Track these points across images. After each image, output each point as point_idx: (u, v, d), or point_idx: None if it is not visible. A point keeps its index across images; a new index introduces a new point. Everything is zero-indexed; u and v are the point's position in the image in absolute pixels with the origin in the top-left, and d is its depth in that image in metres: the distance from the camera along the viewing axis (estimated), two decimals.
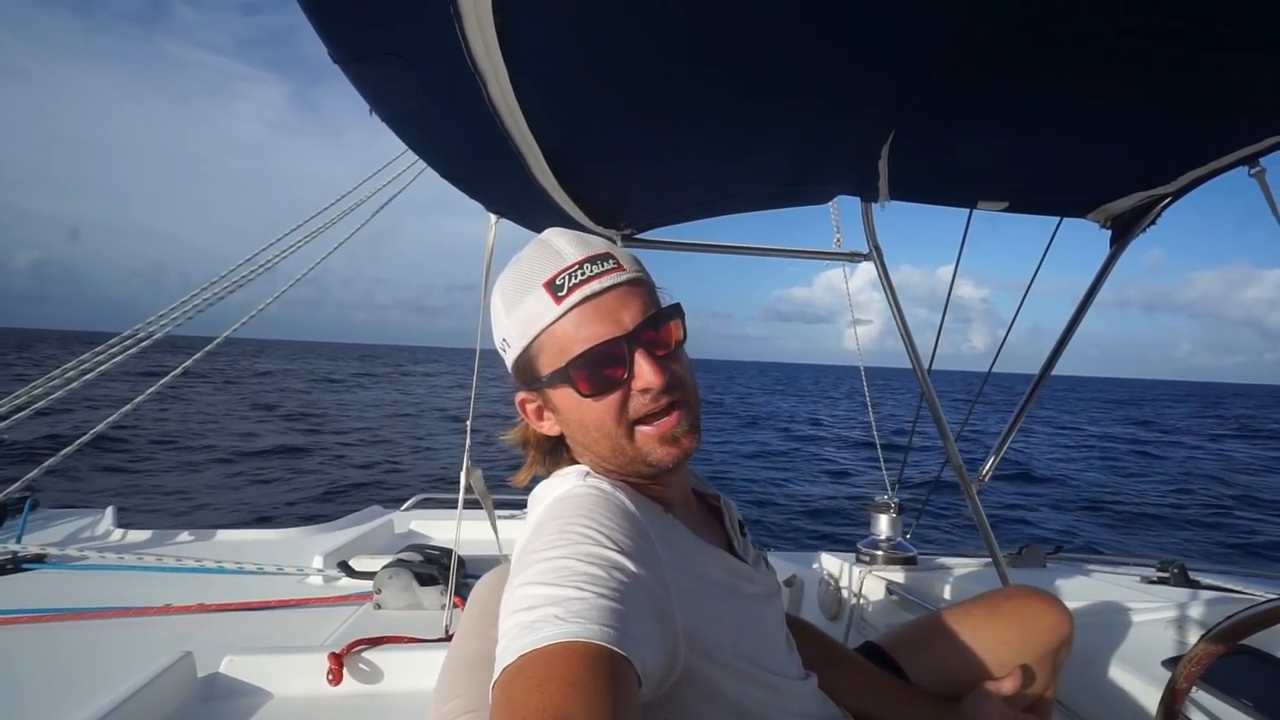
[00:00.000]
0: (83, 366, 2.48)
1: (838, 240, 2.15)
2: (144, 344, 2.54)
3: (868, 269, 1.87)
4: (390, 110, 0.92)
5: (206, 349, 2.73)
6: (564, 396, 0.74)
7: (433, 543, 2.30)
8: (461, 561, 1.79)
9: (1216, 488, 12.79)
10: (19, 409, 2.37)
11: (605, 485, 0.72)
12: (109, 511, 2.57)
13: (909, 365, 1.85)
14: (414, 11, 0.68)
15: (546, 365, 0.73)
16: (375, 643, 1.37)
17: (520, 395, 0.79)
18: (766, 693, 0.74)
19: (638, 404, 0.72)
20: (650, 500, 0.76)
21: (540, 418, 0.79)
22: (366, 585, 1.98)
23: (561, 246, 0.73)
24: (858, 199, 1.69)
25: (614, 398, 0.72)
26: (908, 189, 1.57)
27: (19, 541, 2.22)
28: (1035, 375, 1.80)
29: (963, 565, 2.18)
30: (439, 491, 3.14)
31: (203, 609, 1.83)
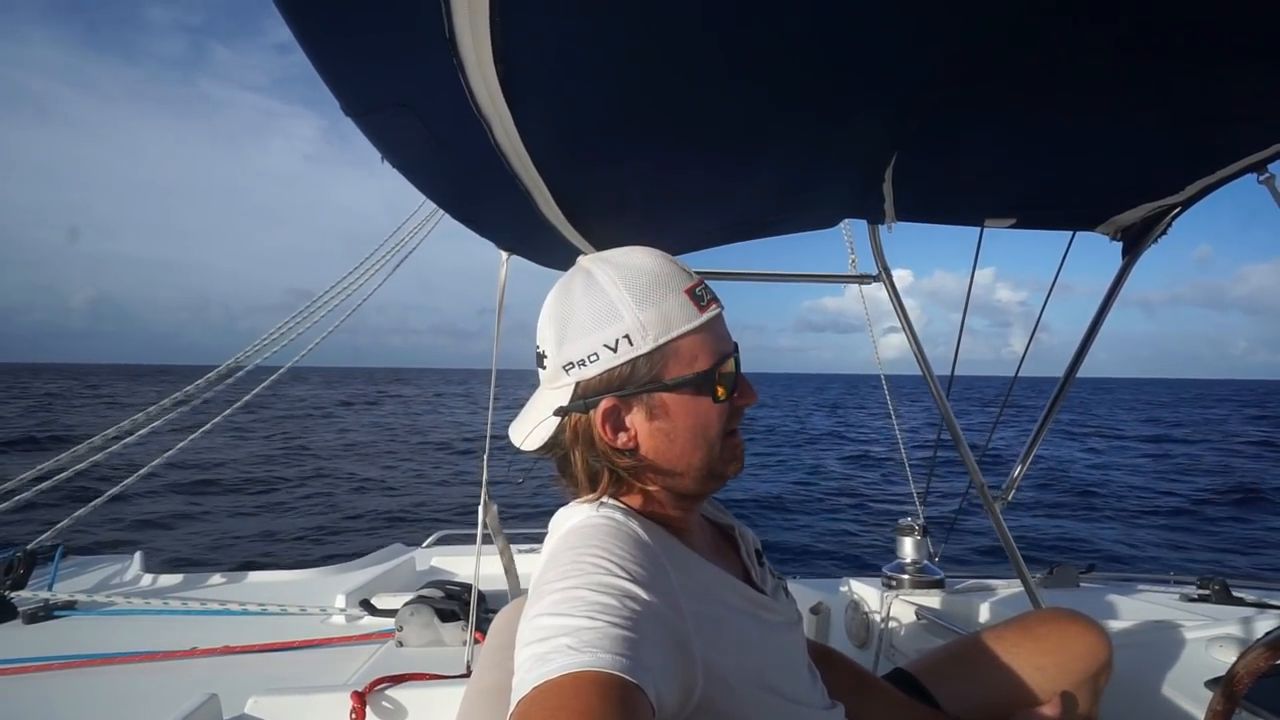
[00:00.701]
0: (160, 405, 2.57)
1: (853, 261, 2.15)
2: (228, 378, 2.66)
3: (901, 276, 1.87)
4: (401, 159, 0.95)
5: (269, 380, 2.83)
6: (684, 402, 0.75)
7: (454, 579, 2.29)
8: (482, 596, 1.78)
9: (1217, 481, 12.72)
10: (111, 441, 2.45)
11: (618, 515, 0.72)
12: (137, 557, 2.61)
13: (946, 372, 1.85)
14: (419, 63, 0.71)
15: (679, 368, 0.75)
16: (398, 680, 1.37)
17: (608, 403, 0.74)
18: None
19: (732, 418, 0.79)
20: (664, 530, 0.76)
21: (617, 429, 0.75)
22: (389, 623, 1.98)
23: (681, 264, 0.80)
24: (864, 222, 1.70)
25: (727, 406, 0.78)
26: (914, 210, 1.58)
27: (50, 589, 2.26)
28: (1059, 386, 1.77)
29: (993, 587, 2.13)
30: (460, 527, 3.15)
31: (228, 650, 1.85)
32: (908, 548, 2.19)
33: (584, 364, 0.74)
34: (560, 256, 1.51)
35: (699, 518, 0.86)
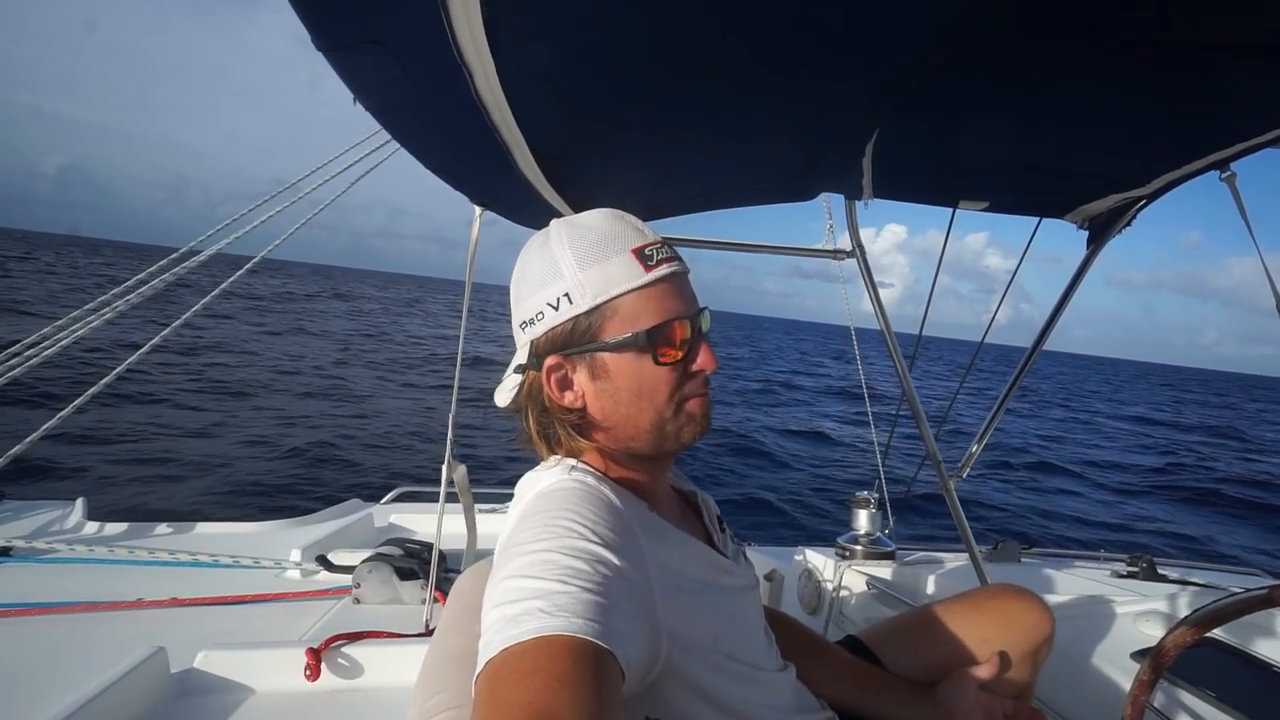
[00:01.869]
0: (101, 301, 2.37)
1: (830, 229, 2.16)
2: (165, 276, 2.43)
3: (895, 231, 1.90)
4: (375, 100, 0.90)
5: (239, 272, 2.64)
6: (625, 362, 0.74)
7: (414, 537, 2.28)
8: (443, 556, 1.78)
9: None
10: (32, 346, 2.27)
11: (590, 479, 0.72)
12: (79, 503, 2.51)
13: (931, 331, 1.89)
14: None
15: (619, 328, 0.73)
16: (354, 638, 1.36)
17: (552, 360, 0.75)
18: (745, 686, 0.75)
19: (689, 384, 0.76)
20: (634, 495, 0.76)
21: (563, 388, 0.76)
22: (346, 580, 1.96)
23: (638, 224, 0.77)
24: (842, 196, 1.70)
25: (676, 370, 0.75)
26: (891, 188, 1.59)
27: None
28: (1018, 369, 1.83)
29: (941, 560, 2.22)
30: (420, 484, 3.12)
31: (176, 603, 1.80)
32: (862, 520, 2.26)
33: (533, 322, 0.76)
34: (536, 215, 1.47)
35: (665, 484, 0.87)
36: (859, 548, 2.20)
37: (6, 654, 1.54)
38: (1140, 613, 1.67)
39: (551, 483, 0.72)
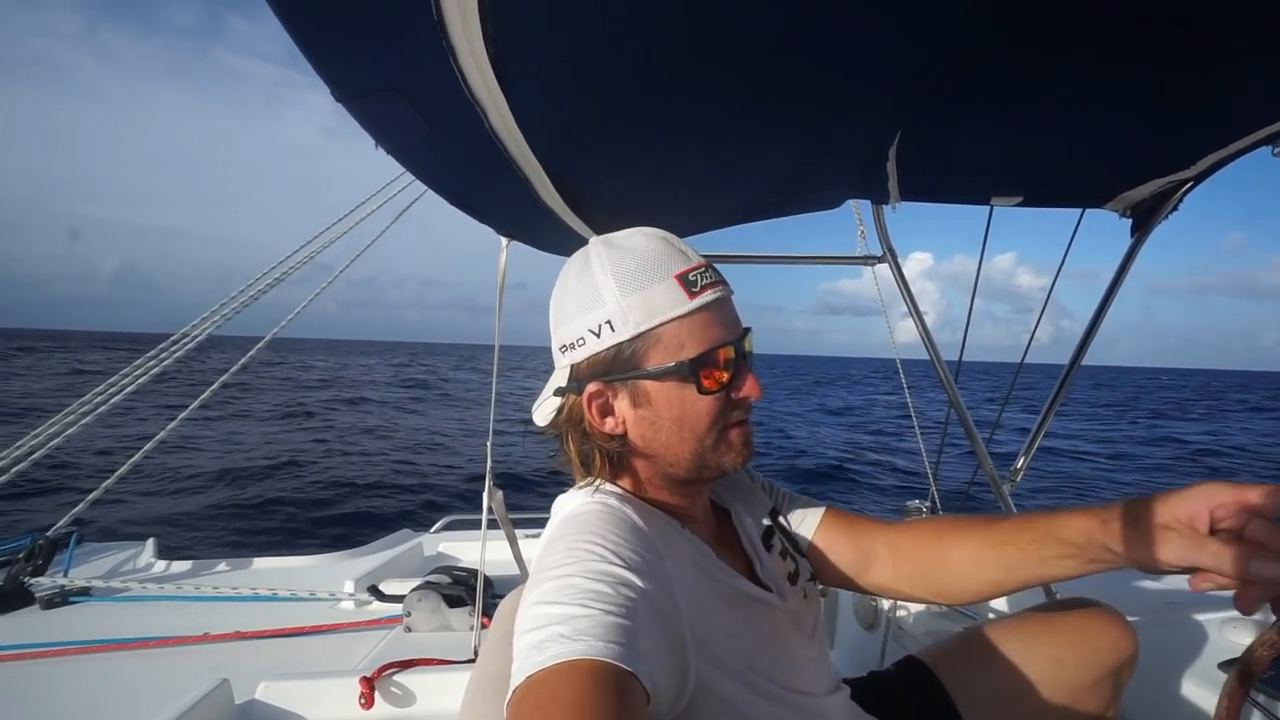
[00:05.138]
0: (109, 391, 2.53)
1: (862, 235, 2.12)
2: (174, 352, 2.57)
3: (921, 259, 1.86)
4: (394, 144, 0.94)
5: (256, 348, 2.76)
6: (668, 390, 0.73)
7: (461, 564, 2.31)
8: (490, 582, 1.79)
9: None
10: (69, 425, 2.43)
11: (613, 501, 0.72)
12: (150, 544, 2.65)
13: (966, 356, 1.84)
14: (408, 47, 0.70)
15: (662, 356, 0.73)
16: (405, 665, 1.39)
17: (593, 387, 0.75)
18: (784, 710, 0.73)
19: (733, 412, 0.75)
20: (666, 515, 0.76)
21: (604, 414, 0.76)
22: (397, 609, 2.00)
23: (683, 246, 0.77)
24: (869, 202, 1.67)
25: (720, 398, 0.74)
26: (918, 189, 1.55)
27: (66, 576, 2.29)
28: (1067, 365, 1.75)
29: None
30: (468, 512, 3.16)
31: (239, 636, 1.87)
32: None
33: (574, 347, 0.75)
34: (561, 242, 1.49)
35: (704, 502, 0.86)
36: None
37: (87, 688, 1.63)
38: (1227, 618, 1.56)
39: (576, 506, 0.72)
